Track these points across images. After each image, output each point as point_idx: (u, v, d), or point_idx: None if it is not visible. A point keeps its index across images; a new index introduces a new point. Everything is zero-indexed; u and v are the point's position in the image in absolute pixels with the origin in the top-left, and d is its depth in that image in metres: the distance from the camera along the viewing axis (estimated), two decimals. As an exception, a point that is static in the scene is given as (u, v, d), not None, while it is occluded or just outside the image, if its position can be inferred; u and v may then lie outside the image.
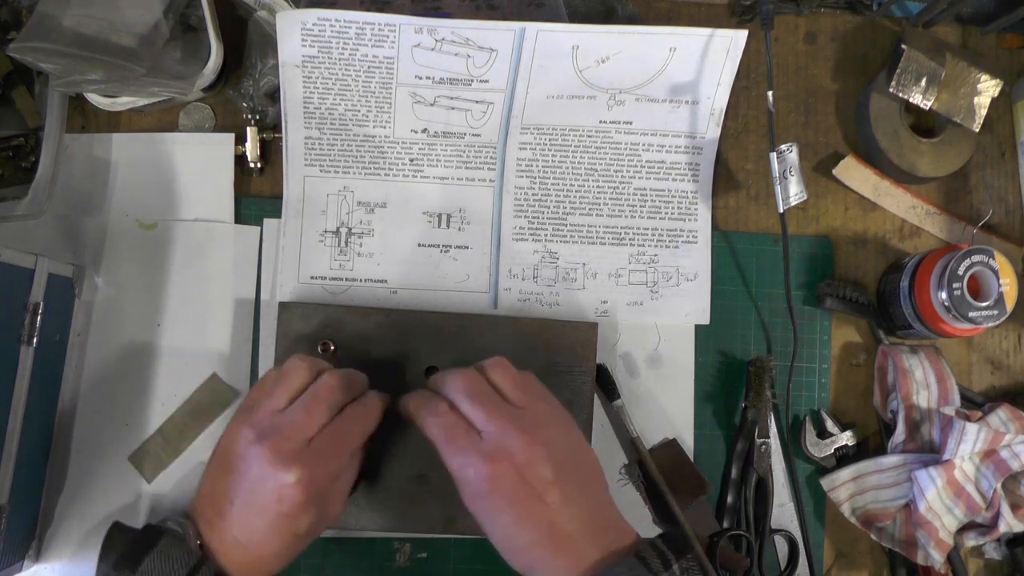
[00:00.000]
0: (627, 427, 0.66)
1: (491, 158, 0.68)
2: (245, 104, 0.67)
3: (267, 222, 0.67)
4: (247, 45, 0.66)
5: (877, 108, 0.69)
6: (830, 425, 0.68)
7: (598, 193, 0.69)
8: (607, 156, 0.69)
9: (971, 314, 0.62)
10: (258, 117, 0.67)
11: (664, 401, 0.68)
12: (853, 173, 0.70)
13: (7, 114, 0.65)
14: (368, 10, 0.64)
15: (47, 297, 0.59)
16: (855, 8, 0.72)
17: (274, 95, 0.67)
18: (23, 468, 0.58)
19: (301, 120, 0.66)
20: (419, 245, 0.68)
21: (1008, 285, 0.63)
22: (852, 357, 0.70)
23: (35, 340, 0.58)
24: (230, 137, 0.67)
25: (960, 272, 0.62)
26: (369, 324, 0.64)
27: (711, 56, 0.66)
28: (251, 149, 0.66)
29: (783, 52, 0.73)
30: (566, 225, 0.69)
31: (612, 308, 0.69)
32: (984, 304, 0.62)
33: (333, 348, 0.63)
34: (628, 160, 0.69)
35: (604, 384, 0.66)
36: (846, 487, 0.67)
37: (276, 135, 0.67)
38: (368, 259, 0.67)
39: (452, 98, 0.67)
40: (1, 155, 0.65)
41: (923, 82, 0.67)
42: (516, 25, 0.64)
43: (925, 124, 0.71)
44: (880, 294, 0.70)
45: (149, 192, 0.66)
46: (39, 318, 0.58)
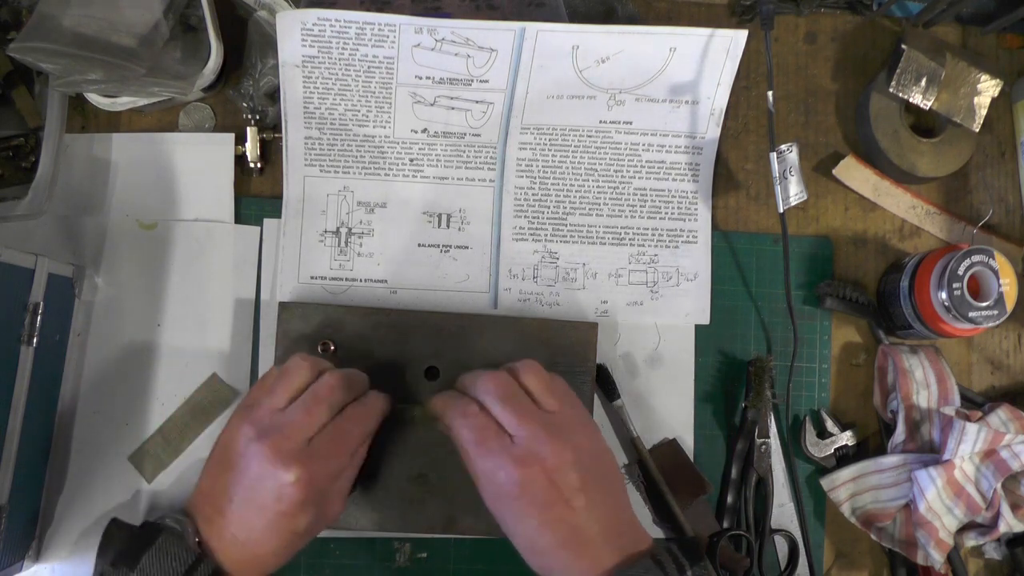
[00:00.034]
0: (627, 427, 0.66)
1: (491, 158, 0.68)
2: (245, 104, 0.67)
3: (267, 222, 0.67)
4: (247, 45, 0.66)
5: (877, 108, 0.69)
6: (830, 425, 0.68)
7: (598, 193, 0.69)
8: (607, 156, 0.69)
9: (971, 314, 0.62)
10: (258, 117, 0.67)
11: (664, 401, 0.68)
12: (853, 173, 0.70)
13: (7, 114, 0.65)
14: (368, 10, 0.64)
15: (47, 297, 0.59)
16: (855, 8, 0.72)
17: (274, 95, 0.67)
18: (23, 468, 0.58)
19: (301, 120, 0.66)
20: (419, 245, 0.68)
21: (1008, 285, 0.63)
22: (852, 357, 0.70)
23: (35, 340, 0.58)
24: (230, 137, 0.67)
25: (960, 272, 0.62)
26: (369, 324, 0.64)
27: (711, 56, 0.66)
28: (251, 149, 0.66)
29: (783, 52, 0.73)
30: (566, 225, 0.69)
31: (612, 308, 0.68)
32: (984, 304, 0.62)
33: (333, 348, 0.63)
34: (628, 160, 0.69)
35: (604, 384, 0.66)
36: (846, 487, 0.67)
37: (276, 135, 0.67)
38: (368, 259, 0.67)
39: (452, 98, 0.67)
40: (1, 155, 0.65)
41: (923, 82, 0.67)
42: (516, 25, 0.64)
43: (925, 124, 0.71)
44: (880, 294, 0.70)
45: (149, 192, 0.66)
46: (39, 318, 0.58)
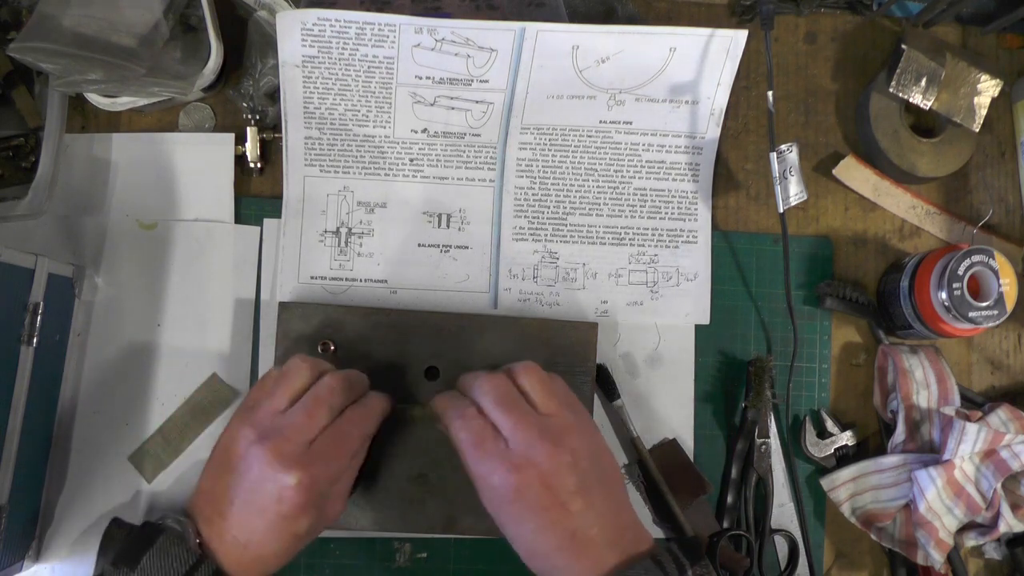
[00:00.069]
0: (627, 427, 0.66)
1: (491, 158, 0.68)
2: (245, 104, 0.67)
3: (267, 222, 0.67)
4: (247, 45, 0.66)
5: (877, 108, 0.69)
6: (830, 425, 0.68)
7: (598, 193, 0.69)
8: (607, 156, 0.69)
9: (971, 314, 0.62)
10: (258, 117, 0.67)
11: (664, 401, 0.68)
12: (853, 173, 0.70)
13: (7, 114, 0.65)
14: (368, 10, 0.64)
15: (47, 297, 0.59)
16: (855, 8, 0.72)
17: (274, 95, 0.67)
18: (23, 468, 0.58)
19: (301, 120, 0.66)
20: (419, 245, 0.68)
21: (1008, 285, 0.63)
22: (852, 357, 0.70)
23: (35, 340, 0.58)
24: (230, 137, 0.67)
25: (960, 272, 0.62)
26: (369, 324, 0.64)
27: (711, 56, 0.66)
28: (251, 149, 0.66)
29: (783, 52, 0.73)
30: (566, 225, 0.69)
31: (612, 308, 0.68)
32: (984, 304, 0.62)
33: (333, 348, 0.63)
34: (628, 160, 0.69)
35: (604, 384, 0.66)
36: (846, 487, 0.66)
37: (276, 135, 0.67)
38: (368, 259, 0.67)
39: (452, 98, 0.67)
40: (1, 155, 0.65)
41: (923, 82, 0.67)
42: (516, 25, 0.64)
43: (925, 124, 0.71)
44: (880, 294, 0.70)
45: (149, 192, 0.66)
46: (39, 318, 0.58)
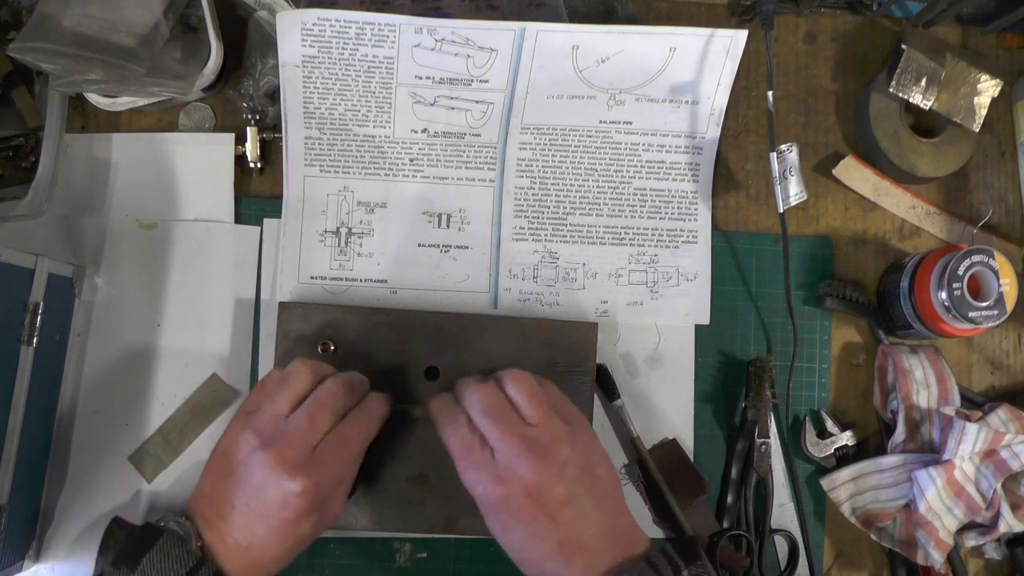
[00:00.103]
0: (627, 427, 0.65)
1: (491, 158, 0.68)
2: (245, 104, 0.67)
3: (267, 222, 0.67)
4: (247, 45, 0.66)
5: (877, 108, 0.69)
6: (830, 425, 0.68)
7: (598, 193, 0.69)
8: (607, 156, 0.69)
9: (971, 314, 0.62)
10: (258, 117, 0.67)
11: (664, 401, 0.68)
12: (853, 173, 0.70)
13: (7, 114, 0.65)
14: (368, 10, 0.64)
15: (47, 297, 0.59)
16: (855, 8, 0.72)
17: (274, 95, 0.67)
18: (23, 468, 0.58)
19: (301, 120, 0.66)
20: (419, 245, 0.68)
21: (1008, 285, 0.63)
22: (852, 357, 0.70)
23: (35, 340, 0.58)
24: (230, 137, 0.67)
25: (960, 272, 0.62)
26: (369, 324, 0.63)
27: (711, 56, 0.66)
28: (251, 149, 0.66)
29: (783, 52, 0.73)
30: (566, 225, 0.69)
31: (612, 308, 0.68)
32: (984, 304, 0.62)
33: (333, 348, 0.63)
34: (628, 160, 0.69)
35: (604, 384, 0.66)
36: (846, 487, 0.66)
37: (276, 135, 0.67)
38: (368, 259, 0.67)
39: (452, 98, 0.67)
40: (1, 155, 0.65)
41: (923, 82, 0.67)
42: (516, 25, 0.64)
43: (925, 124, 0.71)
44: (880, 294, 0.70)
45: (149, 192, 0.66)
46: (39, 318, 0.58)
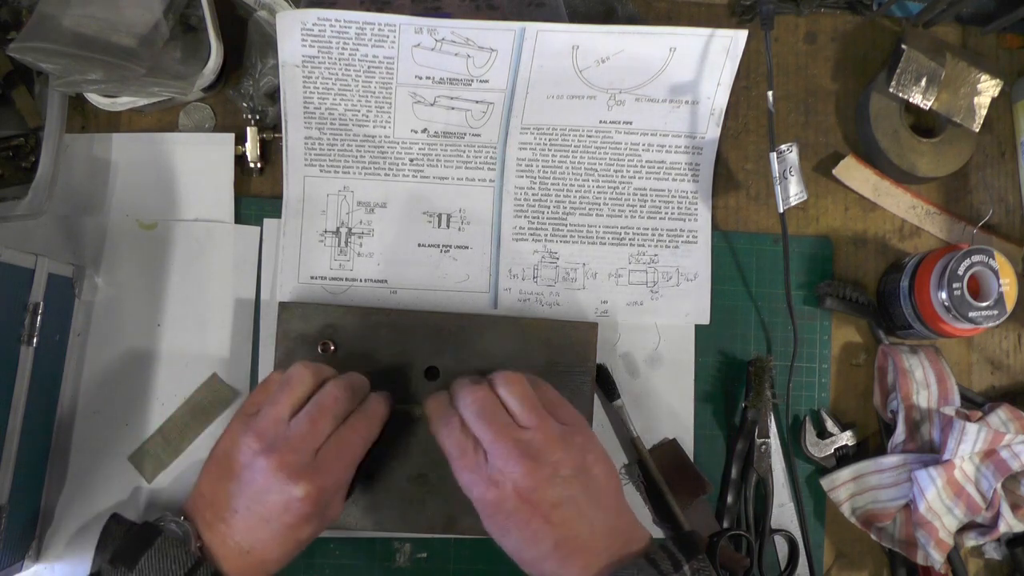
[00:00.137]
0: (627, 427, 0.65)
1: (491, 158, 0.68)
2: (245, 104, 0.67)
3: (267, 222, 0.67)
4: (247, 45, 0.66)
5: (877, 108, 0.69)
6: (830, 425, 0.68)
7: (598, 193, 0.69)
8: (607, 156, 0.69)
9: (971, 314, 0.62)
10: (258, 117, 0.67)
11: (664, 401, 0.68)
12: (853, 173, 0.70)
13: (7, 114, 0.65)
14: (368, 10, 0.64)
15: (47, 297, 0.59)
16: (855, 8, 0.72)
17: (274, 95, 0.67)
18: (23, 468, 0.58)
19: (301, 120, 0.66)
20: (419, 245, 0.68)
21: (1008, 285, 0.63)
22: (852, 357, 0.70)
23: (35, 340, 0.58)
24: (230, 137, 0.67)
25: (960, 272, 0.62)
26: (369, 324, 0.63)
27: (711, 56, 0.66)
28: (251, 149, 0.66)
29: (783, 52, 0.73)
30: (566, 225, 0.69)
31: (612, 308, 0.68)
32: (984, 304, 0.62)
33: (333, 348, 0.63)
34: (628, 160, 0.69)
35: (604, 384, 0.66)
36: (846, 487, 0.66)
37: (276, 135, 0.67)
38: (368, 259, 0.67)
39: (452, 98, 0.67)
40: (1, 155, 0.65)
41: (923, 82, 0.67)
42: (516, 25, 0.64)
43: (925, 124, 0.71)
44: (880, 294, 0.70)
45: (149, 192, 0.66)
46: (39, 318, 0.58)
